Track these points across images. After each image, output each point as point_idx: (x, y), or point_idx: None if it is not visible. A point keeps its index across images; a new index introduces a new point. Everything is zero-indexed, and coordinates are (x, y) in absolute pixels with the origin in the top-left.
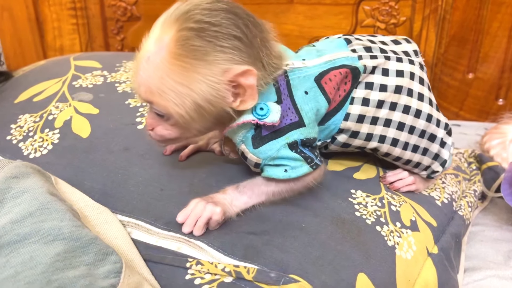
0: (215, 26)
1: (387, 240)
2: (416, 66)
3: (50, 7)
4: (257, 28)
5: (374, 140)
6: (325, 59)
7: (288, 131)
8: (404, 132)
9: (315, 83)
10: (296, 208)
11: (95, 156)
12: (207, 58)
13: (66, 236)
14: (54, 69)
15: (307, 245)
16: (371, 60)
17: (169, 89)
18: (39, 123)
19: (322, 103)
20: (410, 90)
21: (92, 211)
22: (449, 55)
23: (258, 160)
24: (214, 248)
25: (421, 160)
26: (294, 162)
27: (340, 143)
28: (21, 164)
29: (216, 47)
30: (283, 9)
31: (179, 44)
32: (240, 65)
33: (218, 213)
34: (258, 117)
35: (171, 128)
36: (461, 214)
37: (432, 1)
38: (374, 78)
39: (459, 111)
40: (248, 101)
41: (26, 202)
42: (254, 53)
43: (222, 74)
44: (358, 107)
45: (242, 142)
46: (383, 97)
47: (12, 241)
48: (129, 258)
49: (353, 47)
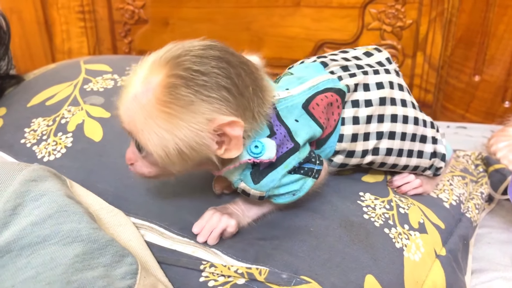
0: (204, 75)
1: (395, 242)
2: (392, 74)
3: (58, 10)
4: (250, 77)
5: (369, 155)
6: (307, 85)
7: (286, 159)
8: (397, 140)
9: (303, 110)
10: (305, 211)
11: (108, 160)
12: (192, 108)
13: (84, 238)
14: (65, 72)
15: (315, 249)
16: (351, 78)
17: (152, 131)
18: (52, 127)
19: (315, 128)
20: (393, 99)
21: (106, 213)
22: (455, 57)
23: (261, 193)
24: (228, 255)
25: (418, 163)
26: (297, 184)
27: (337, 164)
28: (38, 167)
29: (203, 97)
30: (289, 12)
31: (166, 91)
32: (226, 116)
33: (233, 225)
34: (254, 156)
35: (150, 166)
36: (468, 216)
37: (438, 4)
38: (357, 95)
39: (465, 113)
40: (233, 150)
41: (45, 205)
42: (244, 103)
43: (206, 124)
44: (350, 127)
45: (240, 180)
46: (370, 111)
47: (32, 242)
48: (143, 260)
49: (331, 69)
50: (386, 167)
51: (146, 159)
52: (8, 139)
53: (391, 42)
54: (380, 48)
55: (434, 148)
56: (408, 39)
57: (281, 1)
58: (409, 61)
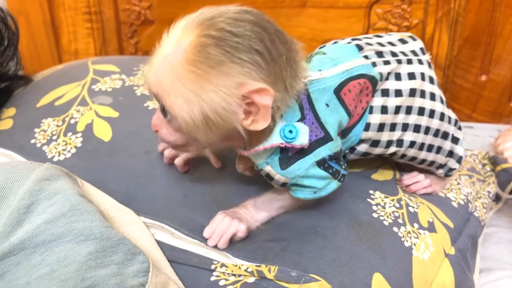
0: (236, 37)
1: (404, 241)
2: (425, 65)
3: (65, 11)
4: (284, 46)
5: (393, 146)
6: (341, 68)
7: (315, 148)
8: (420, 134)
9: (334, 95)
10: (313, 211)
11: (118, 159)
12: (221, 68)
13: (97, 236)
14: (73, 73)
15: (323, 248)
16: (385, 66)
17: (178, 93)
18: (62, 127)
19: (343, 115)
20: (422, 92)
21: (117, 212)
22: (462, 57)
23: (286, 180)
24: (238, 258)
25: (435, 159)
26: (322, 182)
27: (361, 152)
28: (50, 166)
29: (234, 59)
30: (295, 13)
31: (196, 50)
32: (257, 81)
33: (243, 230)
34: (287, 140)
35: (174, 133)
36: (477, 215)
37: (444, 4)
38: (388, 84)
39: (472, 113)
40: (260, 122)
41: (58, 203)
42: (276, 71)
43: (235, 88)
44: (378, 116)
45: (266, 163)
46: (399, 102)
47: (47, 240)
48: (154, 258)
49: (365, 53)
50: (405, 159)
51: (171, 124)
52: (19, 139)
53: None
54: (415, 37)
55: (452, 147)
56: None
57: (287, 2)
58: None
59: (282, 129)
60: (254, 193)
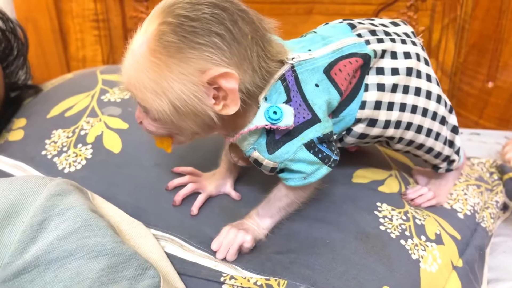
0: (193, 21)
1: (411, 254)
2: (419, 46)
3: (73, 19)
4: (250, 26)
5: (391, 127)
6: (332, 47)
7: (303, 131)
8: (417, 115)
9: (324, 75)
10: (321, 223)
11: (128, 171)
12: (181, 56)
13: (109, 252)
14: (82, 83)
15: (331, 261)
16: (379, 44)
17: (145, 85)
18: (72, 139)
19: (334, 95)
20: (418, 72)
21: (127, 225)
22: (468, 64)
23: (274, 164)
24: (247, 270)
25: (434, 145)
26: (311, 167)
27: (357, 133)
28: (62, 181)
29: (192, 44)
30: (302, 20)
31: (156, 39)
32: (219, 66)
33: (249, 241)
34: (272, 122)
35: (154, 123)
36: (484, 226)
37: (451, 11)
38: (384, 62)
39: (479, 119)
40: (231, 106)
41: (70, 219)
42: (241, 52)
43: (198, 75)
44: (374, 93)
45: (254, 149)
46: (396, 80)
47: (60, 256)
48: (164, 271)
49: (358, 32)
50: (403, 143)
51: (149, 116)
52: (30, 150)
53: None
54: (405, 22)
55: (451, 136)
56: None
57: (293, 9)
58: None
59: (267, 111)
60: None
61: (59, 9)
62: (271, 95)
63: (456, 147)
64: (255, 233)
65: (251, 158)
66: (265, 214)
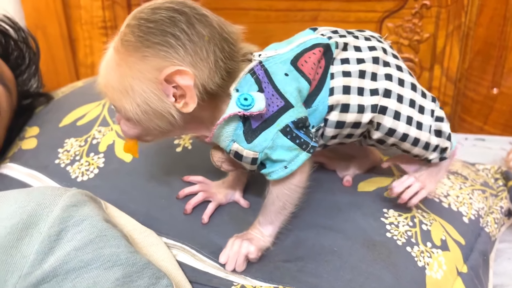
0: (150, 23)
1: (417, 261)
2: (386, 44)
3: (82, 26)
4: (208, 28)
5: (367, 111)
6: (296, 43)
7: (277, 118)
8: (392, 100)
9: (292, 66)
10: (328, 231)
11: (139, 180)
12: (138, 54)
13: (123, 262)
14: (93, 91)
15: (339, 269)
16: (341, 38)
17: (112, 85)
18: (84, 147)
19: (303, 84)
20: (386, 62)
21: (139, 234)
22: (473, 70)
23: (255, 154)
24: (257, 280)
25: (418, 136)
26: (290, 154)
27: (334, 122)
28: (77, 192)
29: (148, 43)
30: (307, 27)
31: (119, 40)
32: (174, 65)
33: (252, 251)
34: (244, 108)
35: (128, 124)
36: (487, 231)
37: (455, 18)
38: (348, 54)
39: (484, 125)
40: (190, 104)
41: (86, 230)
42: (196, 52)
43: (155, 73)
44: (341, 79)
45: (233, 141)
46: (362, 67)
47: (76, 267)
48: (176, 279)
49: (321, 32)
50: (382, 130)
51: (122, 116)
52: (43, 159)
53: (408, 55)
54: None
55: (435, 125)
56: (426, 52)
57: (299, 16)
58: (427, 74)
59: (238, 99)
60: None
61: (68, 16)
62: (242, 86)
63: (446, 134)
64: (259, 242)
65: (231, 152)
66: (265, 221)
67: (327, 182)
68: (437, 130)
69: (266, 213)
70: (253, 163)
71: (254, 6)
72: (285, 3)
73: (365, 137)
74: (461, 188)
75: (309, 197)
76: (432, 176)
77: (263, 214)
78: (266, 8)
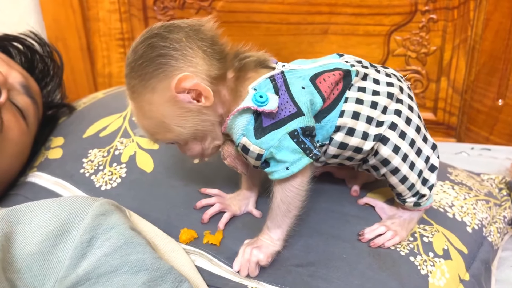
0: (138, 60)
1: (420, 269)
2: (404, 84)
3: (100, 37)
4: (181, 32)
5: (370, 139)
6: (319, 64)
7: (288, 122)
8: (395, 134)
9: (310, 82)
10: (336, 240)
11: (159, 190)
12: (147, 90)
13: (149, 267)
14: (114, 103)
15: (348, 275)
16: (363, 68)
17: (151, 130)
18: (107, 158)
19: (317, 99)
20: (400, 100)
21: (160, 240)
22: (479, 82)
23: (260, 150)
24: (269, 284)
25: (408, 175)
26: (293, 156)
27: (338, 142)
28: (105, 201)
29: (148, 76)
30: (317, 39)
31: (128, 91)
32: (174, 77)
33: (262, 259)
34: (258, 104)
35: (188, 146)
36: (490, 240)
37: (461, 32)
38: (366, 84)
39: (489, 135)
40: (208, 96)
41: (114, 237)
42: (183, 55)
43: (167, 93)
44: (353, 105)
45: (243, 135)
46: (376, 99)
47: (107, 271)
48: (196, 283)
49: (345, 59)
50: (378, 158)
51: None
52: (69, 169)
53: (415, 67)
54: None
55: (424, 168)
56: (433, 65)
57: (309, 29)
58: (433, 85)
59: (254, 95)
60: None
61: (87, 29)
62: (260, 87)
63: (430, 183)
64: (269, 248)
65: (240, 145)
66: (273, 225)
67: (336, 192)
68: (425, 178)
69: (273, 217)
70: (258, 159)
71: (266, 20)
72: (296, 17)
73: (363, 162)
74: (465, 198)
75: (317, 206)
76: (403, 226)
77: (271, 219)
78: (278, 21)
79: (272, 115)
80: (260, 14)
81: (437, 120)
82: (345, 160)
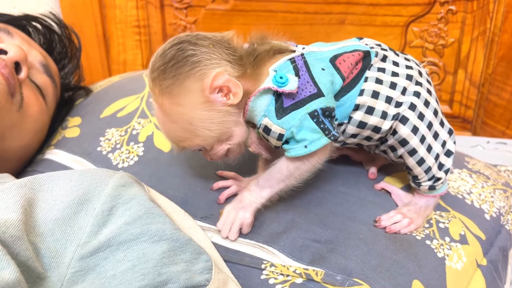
0: (169, 62)
1: (436, 252)
2: (422, 69)
3: (116, 24)
4: (207, 40)
5: (388, 119)
6: (338, 45)
7: (308, 102)
8: (415, 114)
9: (330, 63)
10: (353, 222)
11: (177, 169)
12: (182, 89)
13: (169, 237)
14: (131, 86)
15: (366, 254)
16: (382, 50)
17: (180, 136)
18: (125, 137)
19: (337, 79)
20: (419, 82)
21: (178, 216)
22: (496, 75)
23: (282, 130)
24: (284, 254)
25: (425, 157)
26: (313, 135)
27: (357, 121)
28: (124, 174)
29: (184, 75)
30: (334, 30)
31: (158, 94)
32: (207, 76)
33: (247, 217)
34: (278, 85)
35: (213, 151)
36: (508, 228)
37: (480, 24)
38: (385, 65)
39: (506, 129)
40: (237, 91)
41: (134, 207)
42: (212, 57)
43: (201, 95)
44: (373, 84)
45: (264, 116)
46: (395, 80)
47: (127, 239)
48: (213, 258)
49: (365, 42)
50: (396, 138)
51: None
52: (87, 146)
53: (432, 59)
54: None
55: (441, 151)
56: (450, 57)
57: (326, 19)
58: (450, 78)
59: (274, 76)
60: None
61: (104, 16)
62: (280, 69)
63: (446, 167)
64: (252, 205)
65: (261, 126)
66: (265, 185)
67: (353, 175)
68: (441, 163)
69: (268, 178)
70: (279, 139)
71: (283, 9)
72: (313, 6)
73: (381, 142)
74: (483, 186)
75: (334, 189)
76: (419, 213)
77: (265, 178)
78: (294, 10)
79: (292, 95)
80: (277, 3)
81: (452, 113)
82: (363, 140)
